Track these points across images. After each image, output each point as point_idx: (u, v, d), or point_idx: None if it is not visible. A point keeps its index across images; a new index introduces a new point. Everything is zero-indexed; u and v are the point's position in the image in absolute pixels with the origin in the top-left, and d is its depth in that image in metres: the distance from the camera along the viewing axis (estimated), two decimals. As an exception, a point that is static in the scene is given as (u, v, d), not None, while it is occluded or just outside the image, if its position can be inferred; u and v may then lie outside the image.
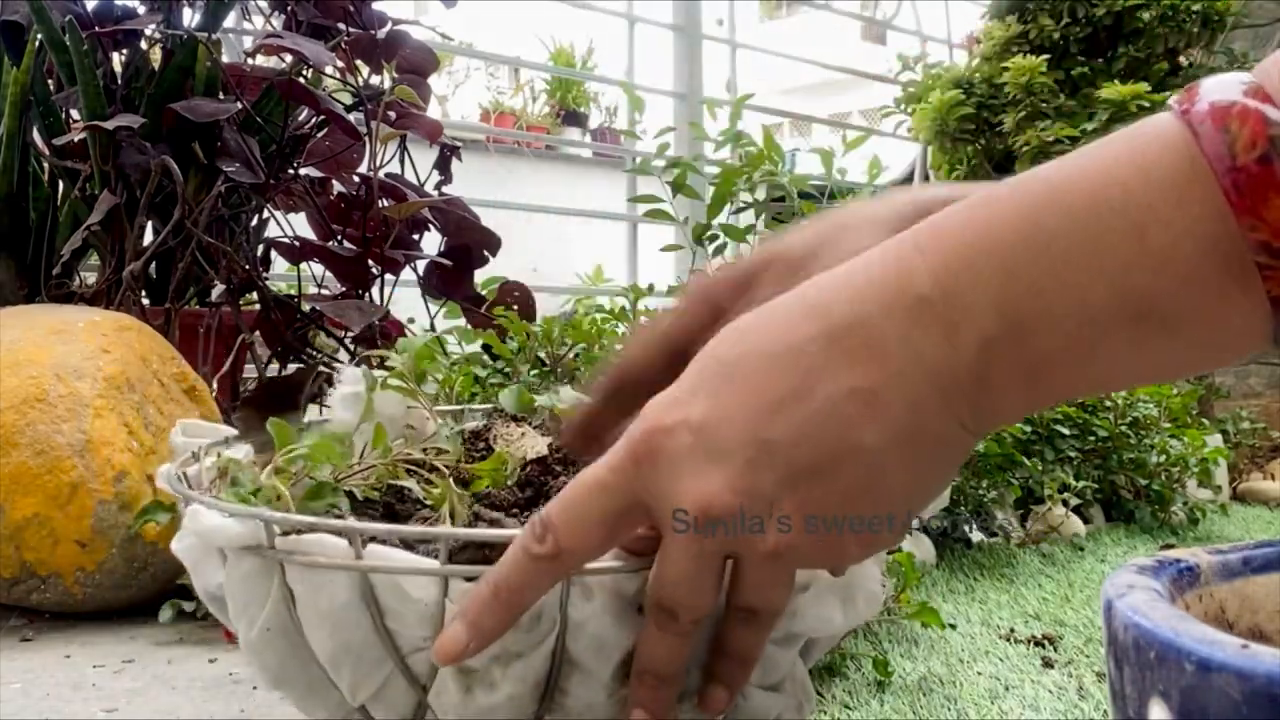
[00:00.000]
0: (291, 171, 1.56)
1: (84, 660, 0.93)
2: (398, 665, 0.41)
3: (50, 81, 1.47)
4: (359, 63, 1.57)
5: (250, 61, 1.60)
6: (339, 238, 1.54)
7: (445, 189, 1.65)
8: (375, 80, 1.60)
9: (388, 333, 1.44)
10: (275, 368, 1.51)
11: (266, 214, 1.61)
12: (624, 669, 0.41)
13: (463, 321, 1.53)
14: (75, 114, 1.45)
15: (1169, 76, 2.63)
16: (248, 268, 1.47)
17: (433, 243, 1.60)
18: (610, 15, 2.89)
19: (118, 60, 1.53)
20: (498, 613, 0.38)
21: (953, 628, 1.07)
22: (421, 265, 1.55)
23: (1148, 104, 2.42)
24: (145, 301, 1.43)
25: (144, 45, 1.54)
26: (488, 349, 1.37)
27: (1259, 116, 0.31)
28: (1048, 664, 0.99)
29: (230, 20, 1.74)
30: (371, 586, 0.40)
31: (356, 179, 1.55)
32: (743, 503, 0.35)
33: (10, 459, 1.03)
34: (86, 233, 1.34)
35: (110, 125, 1.33)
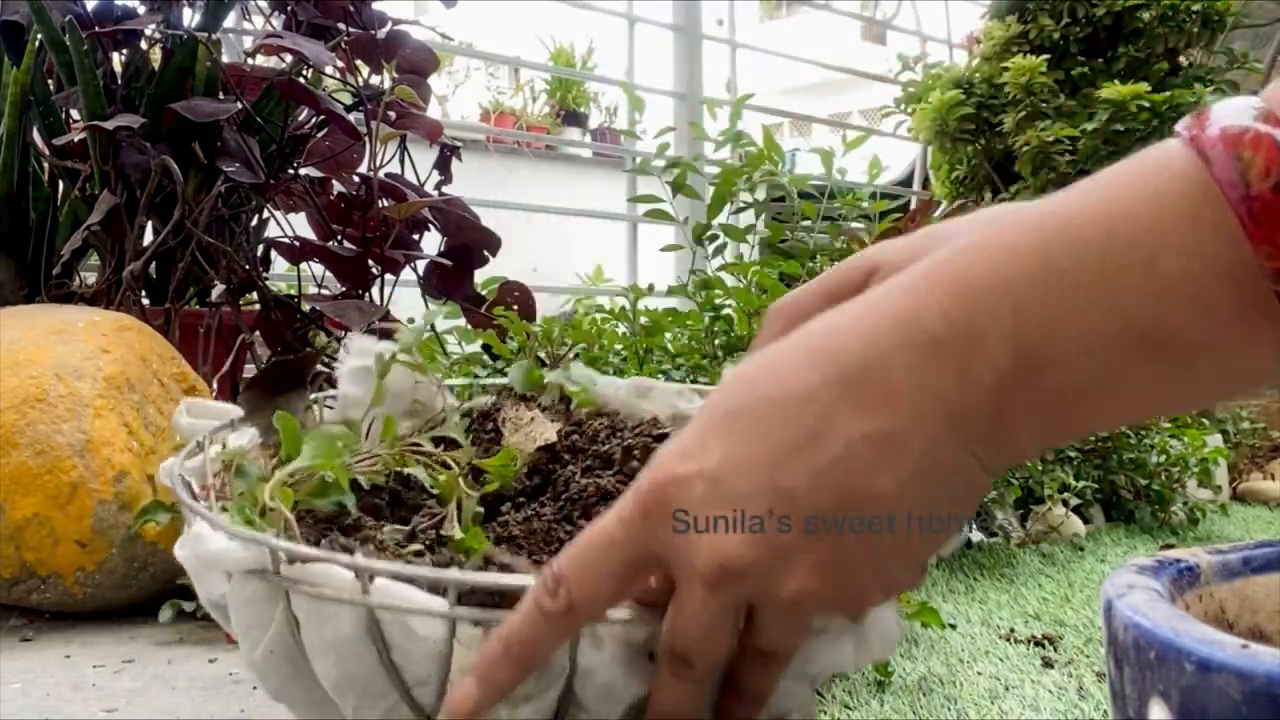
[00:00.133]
0: (291, 171, 1.55)
1: (84, 660, 0.93)
2: (403, 697, 0.41)
3: (50, 81, 1.46)
4: (359, 63, 1.56)
5: (250, 61, 1.60)
6: (339, 238, 1.54)
7: (445, 189, 1.65)
8: (375, 80, 1.60)
9: (388, 334, 1.44)
10: (275, 367, 1.50)
11: (266, 214, 1.61)
12: (634, 713, 0.41)
13: (462, 321, 1.52)
14: (75, 114, 1.45)
15: (1169, 76, 2.63)
16: (248, 268, 1.47)
17: (433, 243, 1.60)
18: (610, 15, 2.89)
19: (118, 60, 1.53)
20: (509, 668, 0.38)
21: (953, 628, 1.07)
22: (421, 265, 1.55)
23: (1147, 104, 2.42)
24: (145, 301, 1.43)
25: (144, 45, 1.54)
26: (488, 349, 1.37)
27: (1272, 143, 0.30)
28: (1048, 664, 0.99)
29: (230, 20, 1.74)
30: (378, 621, 0.40)
31: (356, 179, 1.55)
32: (762, 553, 0.35)
33: (10, 459, 1.03)
34: (86, 233, 1.34)
35: (110, 125, 1.33)
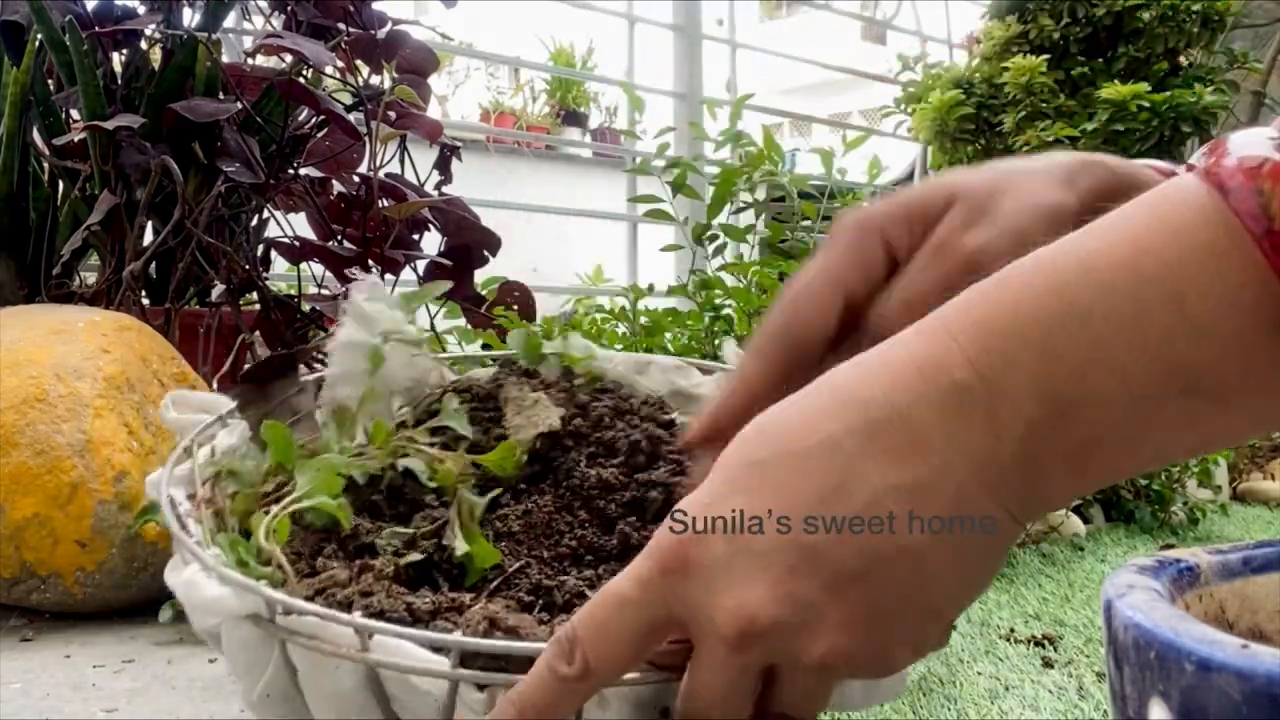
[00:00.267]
0: (291, 171, 1.55)
1: (84, 660, 0.93)
2: None
3: (50, 81, 1.46)
4: (359, 63, 1.56)
5: (250, 61, 1.60)
6: (339, 238, 1.54)
7: (445, 189, 1.65)
8: (375, 80, 1.60)
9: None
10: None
11: (266, 214, 1.61)
12: None
13: (463, 321, 1.52)
14: (75, 114, 1.45)
15: (1169, 76, 2.63)
16: (248, 268, 1.47)
17: (433, 243, 1.60)
18: (610, 15, 2.90)
19: (118, 60, 1.53)
20: None
21: (952, 628, 1.08)
22: (421, 265, 1.55)
23: (1147, 104, 2.42)
24: (145, 301, 1.43)
25: (144, 45, 1.54)
26: (488, 349, 1.37)
27: None
28: (1048, 664, 0.99)
29: (230, 20, 1.74)
30: (378, 675, 0.39)
31: (356, 179, 1.55)
32: (786, 612, 0.33)
33: (10, 459, 1.03)
34: (86, 233, 1.34)
35: (110, 125, 1.33)
